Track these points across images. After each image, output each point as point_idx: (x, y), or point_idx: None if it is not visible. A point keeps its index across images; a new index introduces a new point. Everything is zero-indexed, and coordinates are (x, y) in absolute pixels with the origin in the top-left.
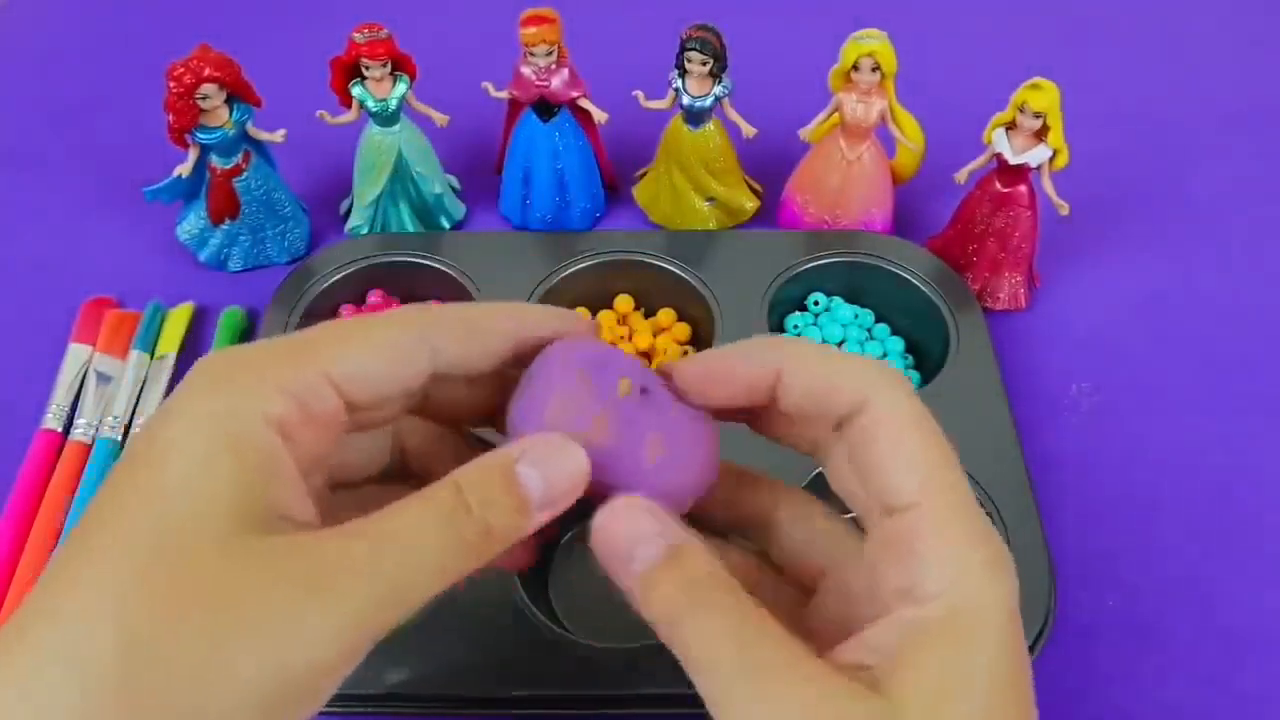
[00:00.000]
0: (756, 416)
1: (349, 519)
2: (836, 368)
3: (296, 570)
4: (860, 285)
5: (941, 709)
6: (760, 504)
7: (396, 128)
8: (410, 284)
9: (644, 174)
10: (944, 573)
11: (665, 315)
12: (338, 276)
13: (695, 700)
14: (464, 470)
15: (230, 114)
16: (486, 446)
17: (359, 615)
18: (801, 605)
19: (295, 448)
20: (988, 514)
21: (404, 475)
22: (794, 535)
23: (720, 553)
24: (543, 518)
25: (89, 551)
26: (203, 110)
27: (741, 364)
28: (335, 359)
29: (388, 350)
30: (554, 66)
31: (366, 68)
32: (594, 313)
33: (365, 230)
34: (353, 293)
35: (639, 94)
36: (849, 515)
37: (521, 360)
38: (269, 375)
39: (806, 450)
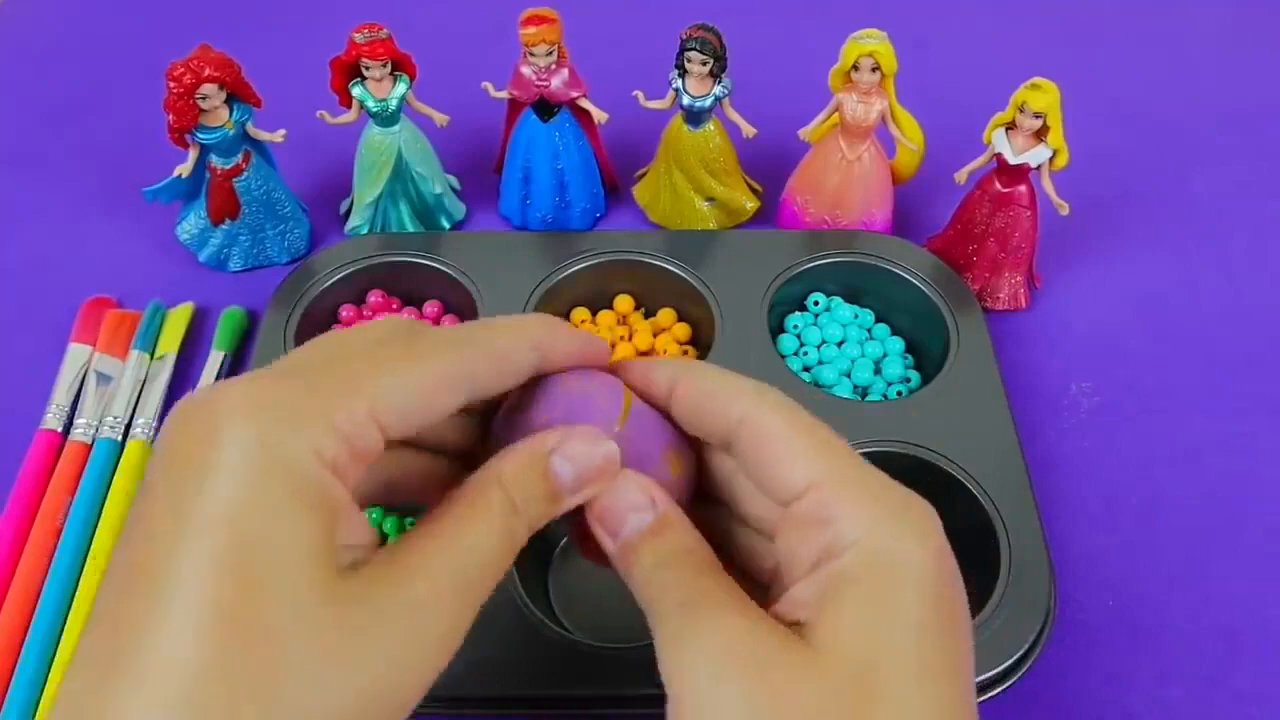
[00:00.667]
0: None
1: None
2: (716, 384)
3: (394, 609)
4: (860, 285)
5: (860, 649)
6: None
7: (396, 128)
8: (410, 284)
9: (644, 174)
10: (856, 525)
11: (665, 315)
12: (338, 276)
13: None
14: (503, 466)
15: (230, 114)
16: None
17: (450, 635)
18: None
19: (347, 484)
20: (988, 514)
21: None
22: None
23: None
24: (573, 503)
25: (164, 587)
26: (203, 110)
27: (649, 374)
28: (383, 395)
29: (433, 384)
30: (554, 66)
31: (366, 68)
32: (594, 313)
33: (365, 230)
34: (353, 293)
35: (639, 94)
36: None
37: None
38: (319, 413)
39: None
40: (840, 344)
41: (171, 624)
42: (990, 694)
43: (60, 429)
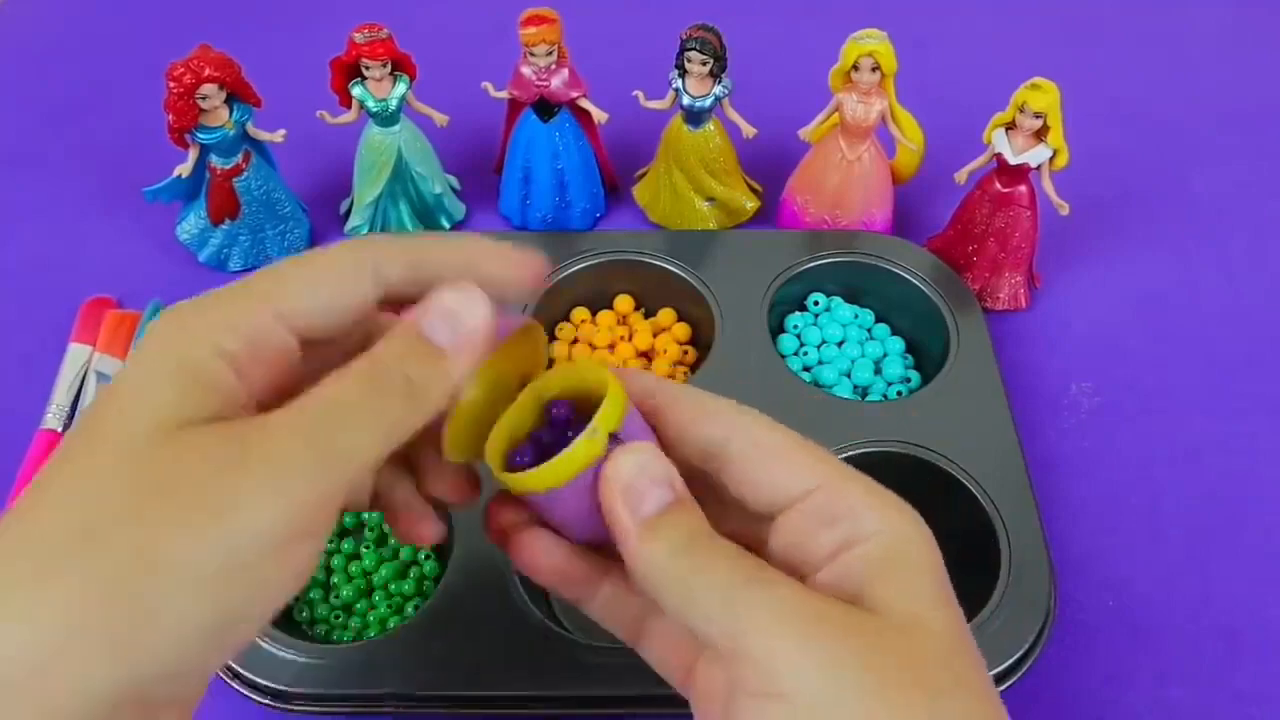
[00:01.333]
0: None
1: None
2: (701, 400)
3: (228, 448)
4: (860, 285)
5: (908, 612)
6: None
7: (396, 128)
8: None
9: (644, 174)
10: (873, 516)
11: (665, 315)
12: None
13: None
14: (380, 342)
15: (230, 114)
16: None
17: (296, 480)
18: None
19: (250, 382)
20: (988, 514)
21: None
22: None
23: None
24: (461, 362)
25: (55, 462)
26: (203, 110)
27: (634, 383)
28: (283, 295)
29: (331, 276)
30: (554, 66)
31: (366, 68)
32: (594, 313)
33: (365, 230)
34: None
35: (639, 94)
36: None
37: None
38: (220, 318)
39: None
40: (840, 344)
41: (41, 479)
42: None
43: (60, 429)
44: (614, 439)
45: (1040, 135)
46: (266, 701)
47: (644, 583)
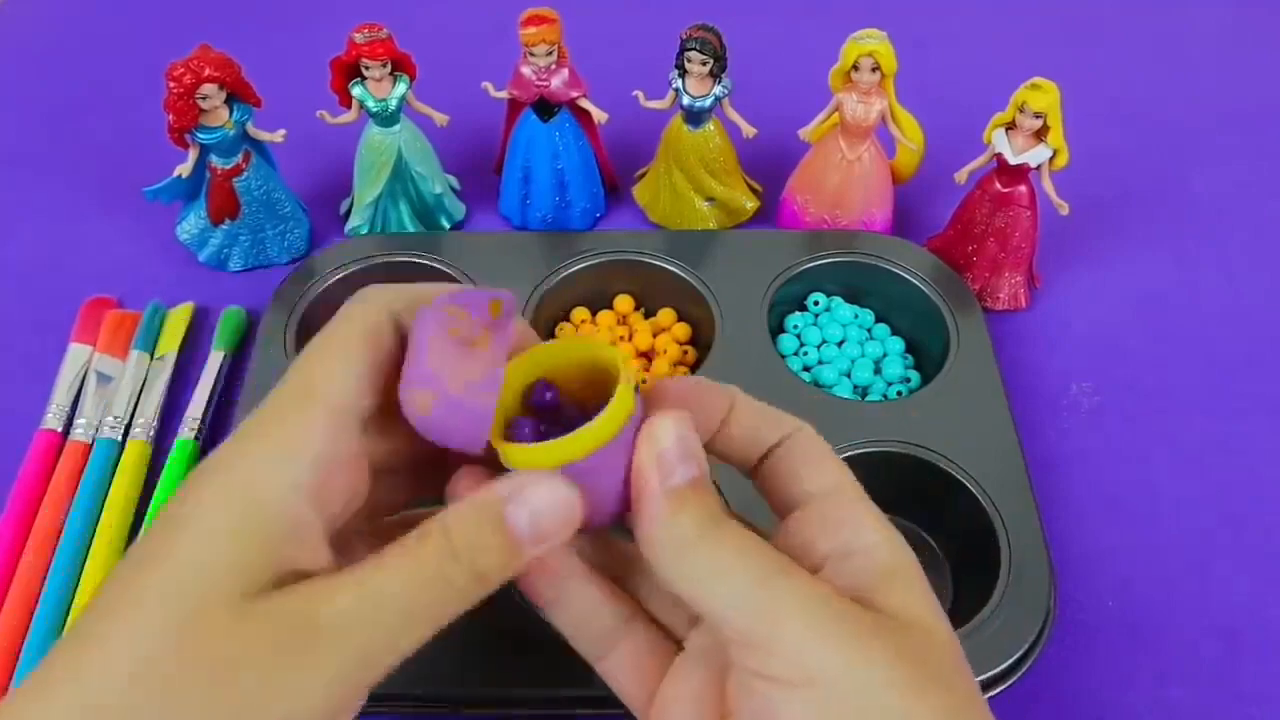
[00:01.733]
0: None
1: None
2: (763, 405)
3: (290, 632)
4: (860, 285)
5: (915, 616)
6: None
7: (396, 128)
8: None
9: (644, 174)
10: (874, 533)
11: (665, 315)
12: (338, 276)
13: None
14: (453, 513)
15: (230, 114)
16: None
17: (345, 671)
18: None
19: (331, 499)
20: (988, 514)
21: None
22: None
23: None
24: (536, 553)
25: (110, 616)
26: (203, 110)
27: (710, 393)
28: (333, 389)
29: (359, 346)
30: (554, 66)
31: (366, 68)
32: (594, 313)
33: (365, 230)
34: (353, 293)
35: (639, 94)
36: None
37: None
38: (284, 442)
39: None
40: (840, 344)
41: (95, 630)
42: (990, 694)
43: (60, 429)
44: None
45: (1040, 135)
46: None
47: (659, 555)
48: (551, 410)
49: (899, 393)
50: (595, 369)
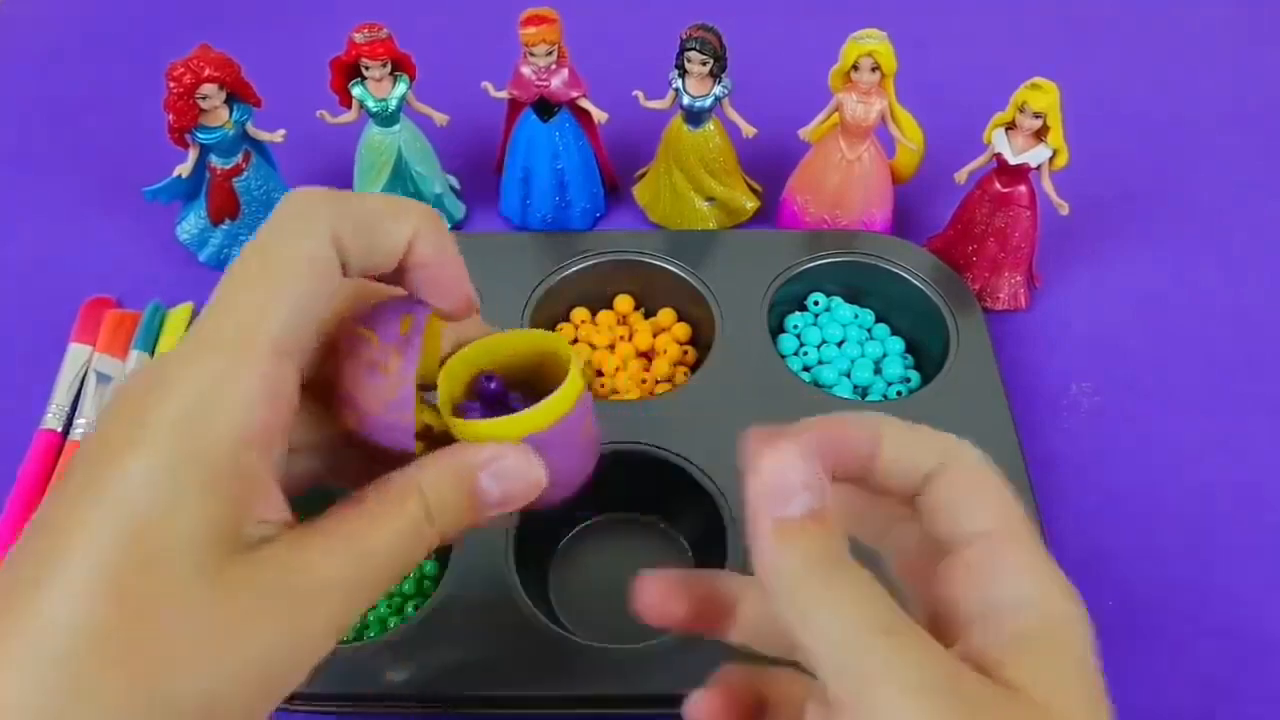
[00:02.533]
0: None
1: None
2: (925, 435)
3: (279, 599)
4: (860, 285)
5: (1047, 695)
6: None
7: (396, 128)
8: None
9: (644, 174)
10: (1030, 586)
11: (665, 315)
12: None
13: None
14: (429, 475)
15: (230, 114)
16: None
17: (331, 629)
18: None
19: (275, 447)
20: None
21: None
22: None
23: None
24: (492, 516)
25: (61, 553)
26: (203, 110)
27: (853, 423)
28: (269, 328)
29: (303, 285)
30: (554, 66)
31: (366, 68)
32: (594, 313)
33: None
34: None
35: (639, 94)
36: None
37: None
38: (234, 399)
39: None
40: (840, 344)
41: (58, 588)
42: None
43: (60, 429)
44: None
45: (1040, 135)
46: None
47: (769, 586)
48: (497, 397)
49: (899, 393)
50: (542, 358)
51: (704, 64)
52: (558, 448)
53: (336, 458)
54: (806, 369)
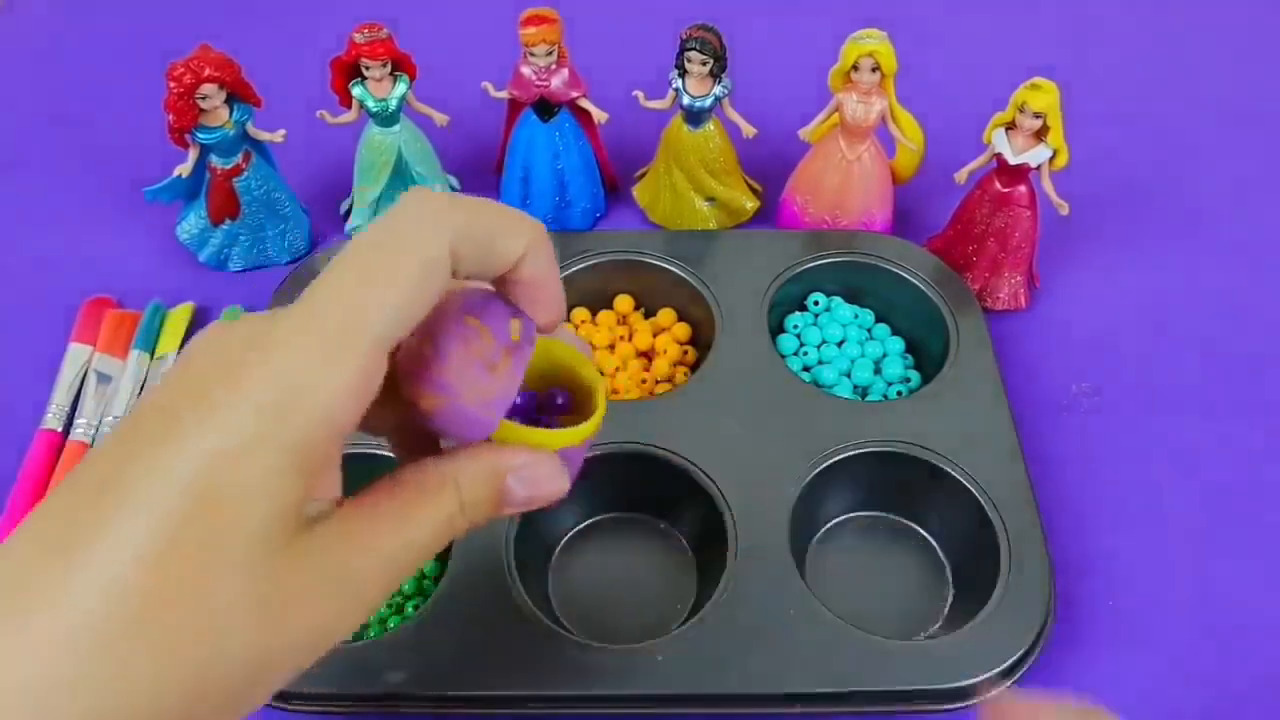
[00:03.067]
0: None
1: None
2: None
3: (329, 578)
4: (860, 285)
5: None
6: None
7: (396, 128)
8: None
9: (644, 174)
10: None
11: (665, 315)
12: None
13: (693, 700)
14: (465, 471)
15: (230, 114)
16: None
17: (369, 608)
18: None
19: (350, 431)
20: (988, 514)
21: None
22: None
23: None
24: (510, 513)
25: (125, 501)
26: (203, 110)
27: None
28: (380, 323)
29: (420, 290)
30: (554, 66)
31: (366, 68)
32: (594, 313)
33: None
34: None
35: (639, 94)
36: None
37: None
38: (336, 385)
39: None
40: (840, 344)
41: (122, 537)
42: (990, 694)
43: (60, 429)
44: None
45: (1040, 135)
46: (266, 701)
47: None
48: (536, 407)
49: (899, 393)
50: (560, 369)
51: (704, 64)
52: (572, 460)
53: (376, 421)
54: (806, 369)
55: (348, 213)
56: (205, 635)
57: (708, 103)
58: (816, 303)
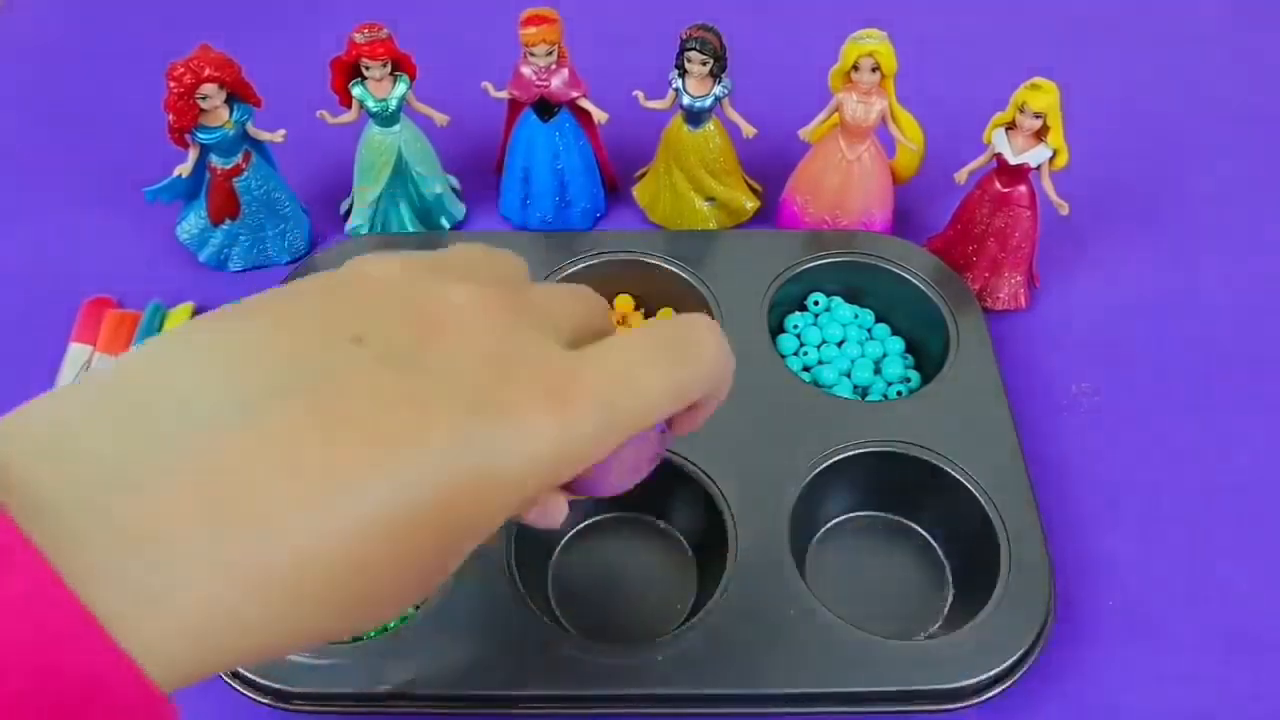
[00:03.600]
0: None
1: None
2: None
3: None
4: (860, 285)
5: None
6: None
7: (396, 128)
8: None
9: (644, 174)
10: None
11: (665, 315)
12: None
13: (693, 700)
14: None
15: (230, 114)
16: None
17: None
18: None
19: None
20: (988, 514)
21: None
22: None
23: None
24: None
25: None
26: (203, 110)
27: None
28: (641, 425)
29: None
30: (554, 66)
31: (366, 68)
32: None
33: (365, 230)
34: None
35: (639, 94)
36: None
37: None
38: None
39: None
40: (840, 344)
41: (406, 479)
42: (990, 694)
43: None
44: None
45: (1040, 135)
46: (267, 701)
47: None
48: None
49: (899, 393)
50: None
51: (704, 64)
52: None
53: None
54: (806, 369)
55: (348, 213)
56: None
57: (708, 103)
58: (816, 303)
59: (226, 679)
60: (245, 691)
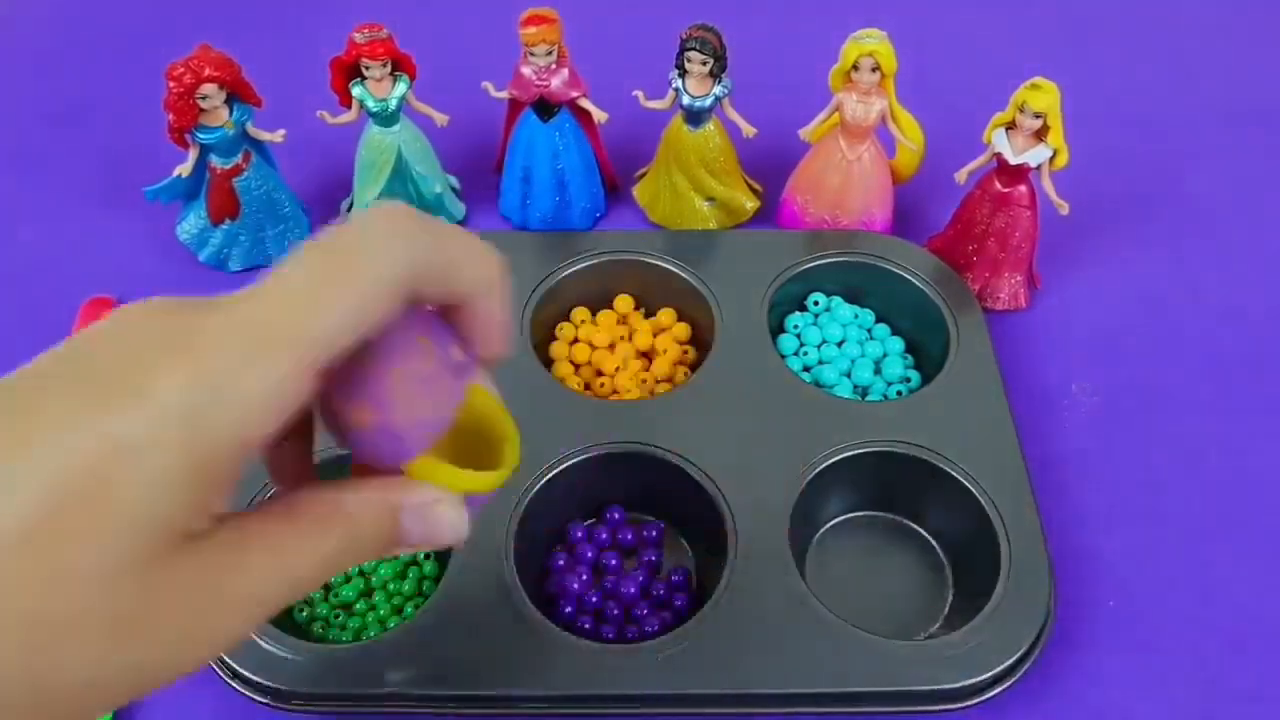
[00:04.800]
0: None
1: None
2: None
3: (200, 601)
4: (860, 285)
5: None
6: None
7: (396, 128)
8: None
9: (644, 174)
10: None
11: (665, 315)
12: None
13: (693, 700)
14: (364, 505)
15: (230, 114)
16: None
17: (234, 637)
18: None
19: (259, 447)
20: (988, 514)
21: None
22: None
23: None
24: (408, 551)
25: (17, 450)
26: (203, 110)
27: None
28: (319, 342)
29: (369, 308)
30: (554, 66)
31: (366, 68)
32: (594, 313)
33: None
34: None
35: (639, 94)
36: None
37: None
38: (257, 400)
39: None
40: (840, 344)
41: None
42: (990, 694)
43: None
44: None
45: (1040, 135)
46: (266, 701)
47: None
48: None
49: (899, 393)
50: (479, 415)
51: (704, 64)
52: (470, 507)
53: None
54: (806, 369)
55: (348, 212)
56: (40, 641)
57: (708, 103)
58: (816, 303)
59: (226, 679)
60: (244, 691)
